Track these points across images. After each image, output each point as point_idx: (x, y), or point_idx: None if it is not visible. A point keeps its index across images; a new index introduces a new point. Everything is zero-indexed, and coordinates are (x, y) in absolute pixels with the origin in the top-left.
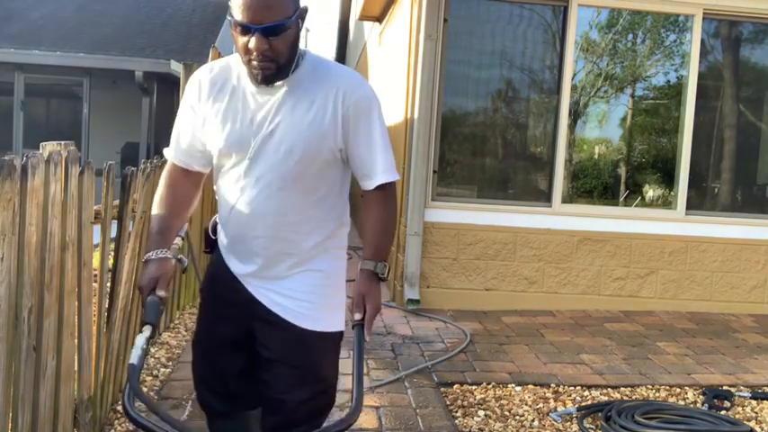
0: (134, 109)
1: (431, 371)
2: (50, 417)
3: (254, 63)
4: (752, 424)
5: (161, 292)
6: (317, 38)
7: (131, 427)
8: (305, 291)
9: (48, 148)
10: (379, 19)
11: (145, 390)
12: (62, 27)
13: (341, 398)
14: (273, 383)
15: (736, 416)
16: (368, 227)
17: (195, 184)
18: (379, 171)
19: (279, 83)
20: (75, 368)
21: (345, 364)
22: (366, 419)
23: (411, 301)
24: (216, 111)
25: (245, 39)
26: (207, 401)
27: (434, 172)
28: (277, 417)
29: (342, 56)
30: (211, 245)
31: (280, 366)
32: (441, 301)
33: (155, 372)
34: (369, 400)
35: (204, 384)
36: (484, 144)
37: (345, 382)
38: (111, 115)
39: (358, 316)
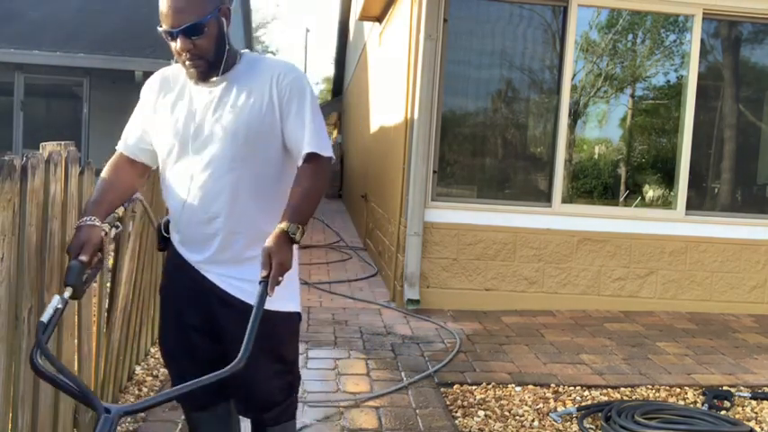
0: (134, 109)
1: (434, 377)
2: (50, 417)
3: (187, 63)
4: (752, 424)
5: (83, 257)
6: (317, 38)
7: (131, 427)
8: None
9: (48, 148)
10: (379, 19)
11: (145, 389)
12: (62, 27)
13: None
14: (251, 371)
15: (736, 416)
16: (291, 192)
17: (138, 174)
18: (304, 144)
19: (217, 78)
20: (76, 368)
21: (346, 364)
22: (366, 419)
23: (411, 301)
24: (164, 105)
25: (173, 44)
26: (184, 396)
27: (434, 172)
28: (249, 401)
29: (342, 56)
30: (164, 242)
31: (254, 356)
32: (441, 301)
33: (155, 372)
34: (369, 399)
35: (181, 380)
36: (484, 144)
37: (347, 382)
38: (111, 115)
39: (263, 273)
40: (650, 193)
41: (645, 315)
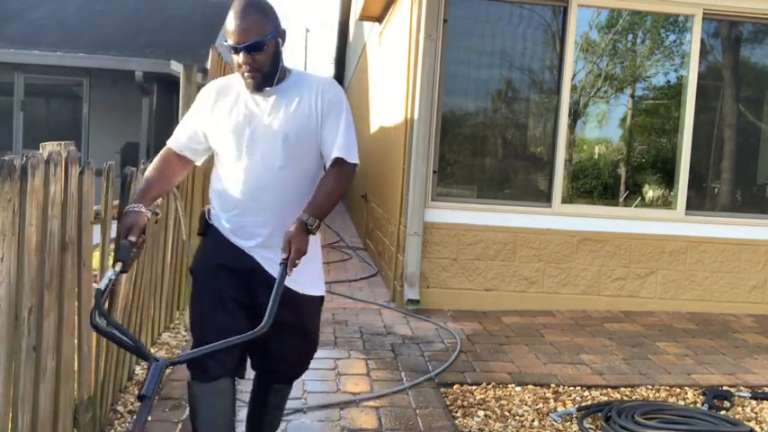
0: (134, 109)
1: (435, 379)
2: (50, 417)
3: (246, 74)
4: (752, 424)
5: (132, 238)
6: (317, 38)
7: (131, 427)
8: (304, 263)
9: (47, 148)
10: (379, 19)
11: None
12: (62, 27)
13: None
14: (273, 335)
15: (736, 416)
16: (317, 189)
17: (183, 168)
18: (334, 149)
19: (270, 89)
20: (75, 368)
21: (346, 364)
22: (366, 419)
23: (411, 301)
24: (221, 110)
25: (236, 57)
26: (199, 361)
27: (434, 172)
28: (272, 365)
29: (342, 56)
30: (206, 228)
31: (288, 331)
32: (441, 301)
33: None
34: (369, 399)
35: (199, 343)
36: (484, 144)
37: (346, 382)
38: (111, 115)
39: (284, 255)
40: (650, 193)
41: (645, 315)
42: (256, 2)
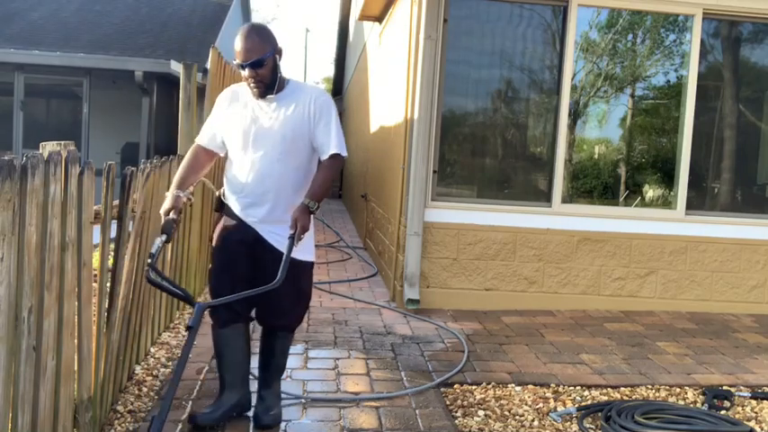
0: (134, 109)
1: (432, 374)
2: (50, 417)
3: (251, 85)
4: (752, 424)
5: (174, 215)
6: (317, 38)
7: (131, 427)
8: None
9: (47, 148)
10: (379, 19)
11: (145, 389)
12: (62, 27)
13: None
14: (273, 292)
15: (736, 416)
16: (314, 178)
17: (210, 159)
18: (331, 146)
19: (272, 96)
20: (75, 368)
21: (346, 364)
22: (366, 419)
23: (411, 300)
24: (233, 112)
25: (243, 72)
26: (220, 312)
27: (434, 172)
28: (274, 313)
29: (342, 56)
30: (222, 206)
31: (280, 288)
32: (441, 301)
33: (154, 372)
34: (369, 399)
35: (217, 296)
36: (484, 144)
37: (347, 382)
38: (111, 115)
39: (291, 231)
40: (650, 192)
41: (645, 315)
42: (257, 27)
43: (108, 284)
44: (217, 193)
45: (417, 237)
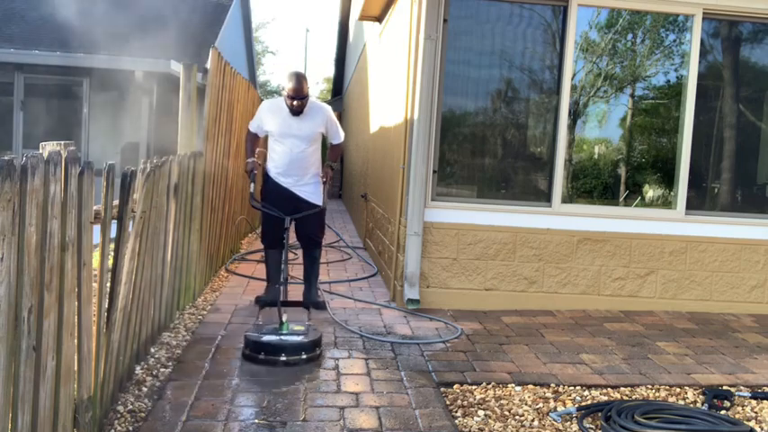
0: (134, 109)
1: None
2: (50, 417)
3: (295, 108)
4: (752, 424)
5: (255, 171)
6: (317, 38)
7: (131, 427)
8: (313, 191)
9: (47, 148)
10: (379, 19)
11: (145, 389)
12: (62, 27)
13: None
14: (306, 225)
15: (736, 416)
16: (330, 153)
17: (258, 138)
18: (337, 138)
19: (301, 114)
20: (75, 368)
21: (346, 364)
22: (366, 419)
23: (411, 300)
24: (274, 118)
25: (292, 101)
26: (269, 239)
27: (434, 172)
28: (308, 237)
29: (342, 56)
30: (266, 177)
31: (308, 219)
32: (441, 301)
33: (154, 372)
34: (369, 399)
35: (268, 228)
36: (484, 144)
37: (346, 382)
38: (111, 115)
39: (324, 179)
40: (650, 192)
41: (645, 315)
42: (303, 76)
43: (108, 284)
44: (260, 166)
45: (417, 237)
